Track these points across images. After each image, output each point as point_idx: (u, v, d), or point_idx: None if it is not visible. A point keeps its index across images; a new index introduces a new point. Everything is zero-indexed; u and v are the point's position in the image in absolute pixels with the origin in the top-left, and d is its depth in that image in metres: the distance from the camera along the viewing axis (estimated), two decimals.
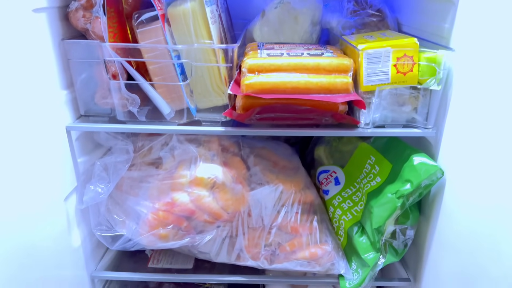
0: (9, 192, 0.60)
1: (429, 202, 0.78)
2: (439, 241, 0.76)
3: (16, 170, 0.62)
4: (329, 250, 0.82)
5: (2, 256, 0.59)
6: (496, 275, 0.60)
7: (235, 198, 0.81)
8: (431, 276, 0.80)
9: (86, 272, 0.85)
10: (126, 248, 0.83)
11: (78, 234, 0.81)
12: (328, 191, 0.91)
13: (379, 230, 0.76)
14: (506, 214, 0.57)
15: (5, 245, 0.60)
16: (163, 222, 0.79)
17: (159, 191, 0.81)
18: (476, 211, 0.64)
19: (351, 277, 0.81)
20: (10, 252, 0.61)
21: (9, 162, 0.60)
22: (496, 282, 0.60)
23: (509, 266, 0.57)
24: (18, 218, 0.63)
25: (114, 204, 0.84)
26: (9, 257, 0.61)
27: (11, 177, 0.61)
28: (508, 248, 0.57)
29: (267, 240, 0.83)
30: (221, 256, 0.85)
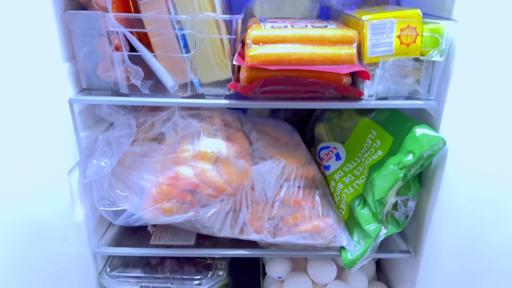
0: (13, 165, 0.60)
1: (430, 174, 0.79)
2: (440, 212, 0.77)
3: (20, 142, 0.61)
4: (331, 223, 0.83)
5: (7, 231, 0.59)
6: (497, 244, 0.61)
7: (238, 172, 0.81)
8: (431, 247, 0.81)
9: (89, 248, 0.85)
10: (129, 223, 0.83)
11: (81, 209, 0.81)
12: (329, 167, 0.92)
13: (381, 202, 0.77)
14: (507, 182, 0.58)
15: (10, 219, 0.59)
16: (167, 196, 0.80)
17: (162, 166, 0.81)
18: (477, 181, 0.65)
19: (353, 249, 0.83)
20: (16, 227, 0.61)
21: (13, 134, 0.59)
22: (496, 251, 0.61)
23: (510, 235, 0.58)
24: (22, 191, 0.62)
25: (116, 180, 0.84)
26: (14, 232, 0.60)
27: (15, 149, 0.60)
28: (508, 217, 0.58)
29: (270, 214, 0.84)
30: (224, 231, 0.85)
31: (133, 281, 0.86)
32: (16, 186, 0.60)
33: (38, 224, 0.67)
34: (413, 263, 0.88)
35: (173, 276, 0.87)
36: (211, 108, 0.87)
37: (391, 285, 1.02)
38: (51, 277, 0.70)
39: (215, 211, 0.82)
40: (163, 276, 0.87)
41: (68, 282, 0.77)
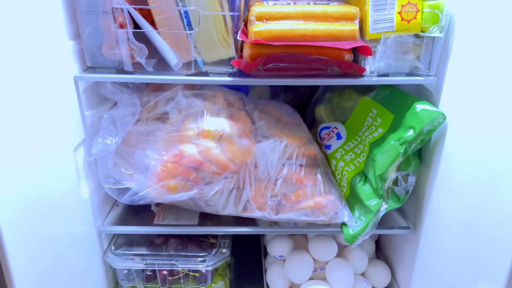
0: (20, 141, 0.60)
1: (430, 150, 0.81)
2: (439, 188, 0.79)
3: (26, 118, 0.62)
4: (332, 199, 0.85)
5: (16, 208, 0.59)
6: (495, 219, 0.62)
7: (242, 150, 0.82)
8: (431, 223, 0.83)
9: (94, 227, 0.86)
10: (134, 201, 0.84)
11: (86, 187, 0.82)
12: (330, 146, 0.93)
13: (382, 177, 0.79)
14: (505, 152, 0.60)
15: (18, 196, 0.60)
16: (172, 173, 0.81)
17: (166, 144, 0.82)
18: (476, 152, 0.67)
19: (354, 225, 0.84)
20: (24, 204, 0.61)
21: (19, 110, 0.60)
22: (495, 225, 0.62)
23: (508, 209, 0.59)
24: (29, 168, 0.63)
25: (121, 159, 0.85)
26: (23, 210, 0.61)
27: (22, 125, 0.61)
28: (507, 187, 0.59)
29: (273, 191, 0.85)
30: (228, 208, 0.87)
31: (138, 259, 0.87)
32: (23, 163, 0.61)
33: (45, 202, 0.67)
34: (413, 240, 0.90)
35: (177, 253, 0.88)
36: (214, 88, 0.88)
37: (391, 264, 1.03)
38: (57, 256, 0.71)
39: (219, 188, 0.83)
40: (167, 253, 0.88)
41: (73, 260, 0.78)
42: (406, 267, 0.94)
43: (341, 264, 0.97)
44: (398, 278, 1.00)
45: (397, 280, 1.00)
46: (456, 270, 0.73)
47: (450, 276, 0.75)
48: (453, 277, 0.74)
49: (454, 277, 0.74)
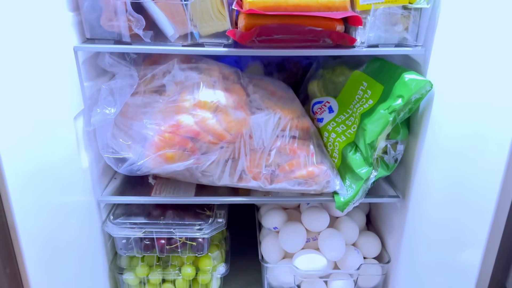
0: (21, 107, 0.61)
1: (417, 120, 0.84)
2: (427, 156, 0.82)
3: (27, 85, 0.64)
4: (325, 169, 0.88)
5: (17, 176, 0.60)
6: (478, 185, 0.64)
7: (237, 121, 0.85)
8: (419, 191, 0.86)
9: (94, 197, 0.89)
10: (132, 170, 0.86)
11: (86, 157, 0.84)
12: (322, 119, 0.96)
13: (372, 145, 0.82)
14: (488, 120, 0.62)
15: (20, 163, 0.61)
16: (169, 143, 0.83)
17: (164, 115, 0.84)
18: (461, 121, 0.70)
19: (345, 193, 0.88)
20: (26, 173, 0.62)
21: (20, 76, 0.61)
22: (478, 192, 0.64)
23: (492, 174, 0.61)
24: (31, 135, 0.65)
25: (119, 130, 0.87)
26: (25, 178, 0.62)
27: (23, 92, 0.62)
28: (492, 156, 0.61)
29: (267, 161, 0.88)
30: (224, 179, 0.89)
31: (136, 228, 0.90)
32: (24, 129, 0.63)
33: (46, 169, 0.69)
34: (402, 209, 0.93)
35: (174, 222, 0.91)
36: (210, 62, 0.90)
37: (381, 235, 1.07)
38: (57, 224, 0.73)
39: (215, 158, 0.86)
40: (165, 222, 0.91)
41: (73, 230, 0.80)
42: (396, 236, 0.98)
43: (333, 233, 1.00)
44: (388, 247, 1.04)
45: (387, 250, 1.04)
46: (442, 238, 0.76)
47: (437, 244, 0.78)
48: (440, 245, 0.77)
49: (440, 244, 0.77)
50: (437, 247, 0.79)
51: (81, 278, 0.83)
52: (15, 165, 0.59)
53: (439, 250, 0.78)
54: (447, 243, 0.75)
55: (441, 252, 0.77)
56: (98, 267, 0.93)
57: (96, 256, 0.92)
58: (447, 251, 0.75)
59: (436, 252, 0.79)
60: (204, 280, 0.98)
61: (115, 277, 0.99)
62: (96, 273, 0.92)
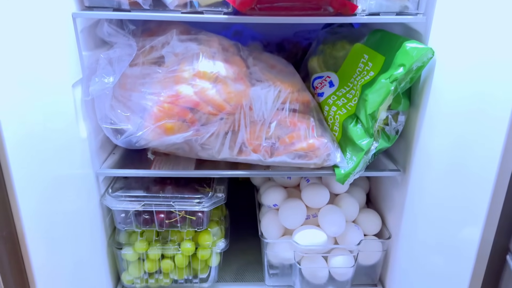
0: (19, 73, 0.61)
1: (418, 91, 0.83)
2: (428, 127, 0.82)
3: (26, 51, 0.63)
4: (325, 141, 0.87)
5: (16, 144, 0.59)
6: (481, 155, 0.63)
7: (237, 92, 0.84)
8: (419, 165, 0.86)
9: (92, 169, 0.88)
10: (131, 142, 0.86)
11: (84, 127, 0.83)
12: (323, 93, 0.95)
13: (373, 116, 0.81)
14: (489, 85, 0.61)
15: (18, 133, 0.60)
16: (168, 113, 0.82)
17: (163, 85, 0.84)
18: (462, 87, 0.69)
19: (346, 165, 0.87)
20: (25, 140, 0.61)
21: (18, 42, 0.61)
22: (481, 160, 0.63)
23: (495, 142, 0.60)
24: (29, 103, 0.63)
25: (118, 102, 0.86)
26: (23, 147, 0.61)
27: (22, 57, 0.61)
28: (493, 122, 0.60)
29: (267, 134, 0.87)
30: (223, 152, 0.89)
31: (135, 201, 0.89)
32: (22, 97, 0.61)
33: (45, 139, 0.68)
34: (402, 184, 0.93)
35: (174, 195, 0.90)
36: (209, 34, 0.89)
37: (381, 213, 1.06)
38: (55, 198, 0.72)
39: (215, 130, 0.86)
40: (164, 195, 0.90)
41: (71, 203, 0.79)
42: (396, 213, 0.97)
43: (333, 209, 1.00)
44: (388, 225, 1.03)
45: (388, 227, 1.03)
46: (443, 213, 0.76)
47: (438, 219, 0.78)
48: (440, 220, 0.76)
49: (441, 219, 0.76)
50: (438, 223, 0.78)
51: (79, 252, 0.82)
52: (14, 132, 0.58)
53: (440, 225, 0.77)
54: (448, 219, 0.74)
55: (441, 228, 0.76)
56: (96, 242, 0.92)
57: (95, 231, 0.91)
58: (447, 227, 0.74)
59: (437, 227, 0.78)
60: (203, 255, 0.97)
61: (113, 253, 0.99)
62: (94, 248, 0.91)
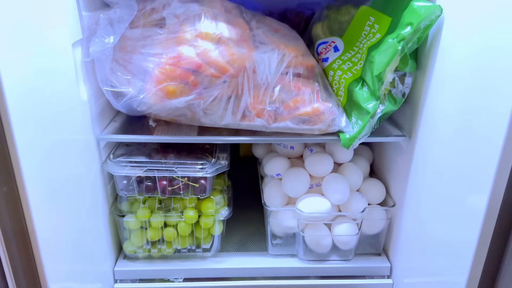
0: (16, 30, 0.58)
1: (426, 51, 0.82)
2: (435, 91, 0.80)
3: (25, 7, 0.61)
4: (330, 106, 0.86)
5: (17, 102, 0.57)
6: (489, 118, 0.62)
7: (240, 54, 0.82)
8: (426, 129, 0.84)
9: (93, 135, 0.87)
10: (132, 106, 0.84)
11: (85, 90, 0.81)
12: (327, 58, 0.94)
13: (379, 77, 0.80)
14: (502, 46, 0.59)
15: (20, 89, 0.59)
16: (170, 76, 0.81)
17: (164, 47, 0.82)
18: (473, 47, 0.67)
19: (351, 130, 0.86)
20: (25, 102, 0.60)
21: None
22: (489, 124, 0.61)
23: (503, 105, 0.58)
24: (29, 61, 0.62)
25: (118, 65, 0.84)
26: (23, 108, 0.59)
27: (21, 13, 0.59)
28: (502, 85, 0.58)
29: (271, 98, 0.86)
30: (226, 117, 0.87)
31: (137, 167, 0.88)
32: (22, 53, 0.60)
33: (46, 101, 0.67)
34: (407, 151, 0.91)
35: (176, 161, 0.89)
36: None
37: (385, 182, 1.05)
38: (56, 163, 0.70)
39: (218, 94, 0.84)
40: (167, 161, 0.89)
41: (72, 168, 0.77)
42: (401, 181, 0.96)
43: (337, 177, 0.98)
44: (393, 193, 1.02)
45: (392, 196, 1.02)
46: (448, 180, 0.75)
47: (443, 187, 0.76)
48: (446, 188, 0.75)
49: (446, 187, 0.75)
50: (443, 190, 0.77)
51: (81, 220, 0.81)
52: (15, 89, 0.57)
53: (445, 193, 0.76)
54: (453, 186, 0.73)
55: (446, 195, 0.75)
56: (98, 210, 0.91)
57: (96, 198, 0.90)
58: (453, 194, 0.73)
59: (442, 195, 0.77)
60: (206, 224, 0.96)
61: (115, 222, 0.98)
62: (96, 216, 0.90)
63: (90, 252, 0.88)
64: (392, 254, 1.02)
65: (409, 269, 0.94)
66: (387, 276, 1.01)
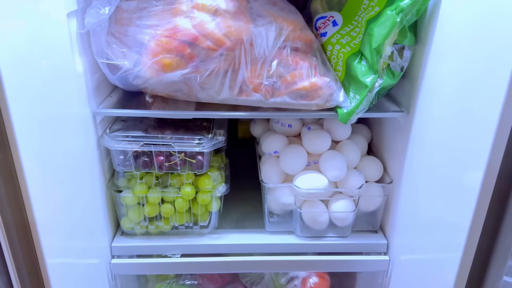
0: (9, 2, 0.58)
1: (425, 24, 0.81)
2: (433, 65, 0.79)
3: None
4: (328, 80, 0.85)
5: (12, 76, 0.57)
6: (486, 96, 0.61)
7: (237, 26, 0.81)
8: (423, 105, 0.83)
9: (89, 109, 0.86)
10: (128, 79, 0.83)
11: (80, 62, 0.81)
12: (325, 33, 0.93)
13: (378, 50, 0.79)
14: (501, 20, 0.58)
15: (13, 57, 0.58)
16: (166, 48, 0.80)
17: (160, 18, 0.81)
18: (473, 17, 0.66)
19: (349, 105, 0.85)
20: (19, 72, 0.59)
21: None
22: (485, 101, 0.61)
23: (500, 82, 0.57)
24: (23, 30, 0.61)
25: (114, 38, 0.83)
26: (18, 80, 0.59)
27: None
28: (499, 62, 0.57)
29: (268, 72, 0.85)
30: (223, 92, 0.87)
31: (134, 141, 0.88)
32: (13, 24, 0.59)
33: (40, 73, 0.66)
34: (405, 127, 0.91)
35: (174, 136, 0.89)
36: None
37: (383, 160, 1.05)
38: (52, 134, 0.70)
39: (215, 67, 0.83)
40: (164, 136, 0.89)
41: (68, 143, 0.77)
42: (398, 158, 0.96)
43: (334, 154, 0.98)
44: (390, 171, 1.02)
45: (389, 173, 1.02)
46: (445, 158, 0.74)
47: (439, 164, 0.76)
48: (442, 165, 0.75)
49: (442, 165, 0.75)
50: (440, 167, 0.77)
51: (78, 196, 0.81)
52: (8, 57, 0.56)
53: (441, 170, 0.76)
54: (449, 162, 0.73)
55: (443, 172, 0.75)
56: (95, 186, 0.91)
57: (93, 174, 0.90)
58: (449, 171, 0.73)
59: (438, 172, 0.77)
60: (204, 200, 0.96)
61: (113, 198, 0.98)
62: (94, 193, 0.90)
63: (87, 228, 0.88)
64: (389, 231, 1.02)
65: (406, 246, 0.95)
66: (384, 253, 1.02)
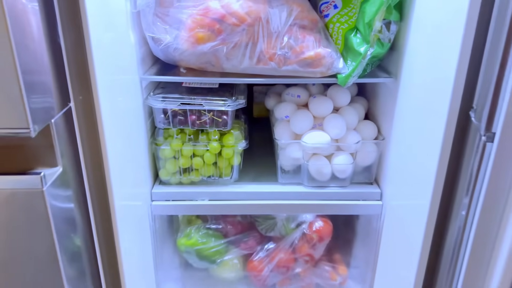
0: None
1: (407, 4, 1.00)
2: (414, 40, 0.98)
3: None
4: (330, 51, 1.05)
5: (98, 51, 0.77)
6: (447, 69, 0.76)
7: (256, 6, 1.02)
8: (408, 73, 1.02)
9: (138, 75, 1.07)
10: (169, 50, 1.05)
11: (133, 36, 1.02)
12: (328, 15, 1.13)
13: (369, 24, 0.99)
14: None
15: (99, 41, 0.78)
16: (200, 24, 1.01)
17: (195, 1, 1.02)
18: None
19: (346, 70, 1.05)
20: (101, 48, 0.79)
21: None
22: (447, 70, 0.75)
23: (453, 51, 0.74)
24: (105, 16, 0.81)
25: (157, 18, 1.05)
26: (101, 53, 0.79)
27: None
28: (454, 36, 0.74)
29: (281, 44, 1.05)
30: (244, 62, 1.07)
31: (172, 101, 1.09)
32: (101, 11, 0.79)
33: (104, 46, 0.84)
34: (394, 91, 1.10)
35: (204, 97, 1.10)
36: None
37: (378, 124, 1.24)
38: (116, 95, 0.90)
39: (238, 40, 1.04)
40: (196, 97, 1.09)
41: (124, 103, 0.98)
42: (388, 119, 1.15)
43: (336, 116, 1.18)
44: (383, 132, 1.21)
45: (382, 134, 1.21)
46: (421, 116, 0.92)
47: (417, 122, 0.94)
48: (419, 123, 0.93)
49: (419, 122, 0.93)
50: (418, 124, 0.95)
51: (130, 148, 1.03)
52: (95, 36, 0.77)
53: (418, 126, 0.94)
54: (424, 119, 0.91)
55: (419, 128, 0.93)
56: (141, 141, 1.12)
57: (140, 131, 1.11)
58: (423, 127, 0.91)
59: (417, 128, 0.95)
60: (227, 153, 1.16)
61: (153, 153, 1.19)
62: (140, 147, 1.11)
63: (137, 177, 1.09)
64: (382, 182, 1.21)
65: (395, 194, 1.13)
66: (378, 200, 1.20)
